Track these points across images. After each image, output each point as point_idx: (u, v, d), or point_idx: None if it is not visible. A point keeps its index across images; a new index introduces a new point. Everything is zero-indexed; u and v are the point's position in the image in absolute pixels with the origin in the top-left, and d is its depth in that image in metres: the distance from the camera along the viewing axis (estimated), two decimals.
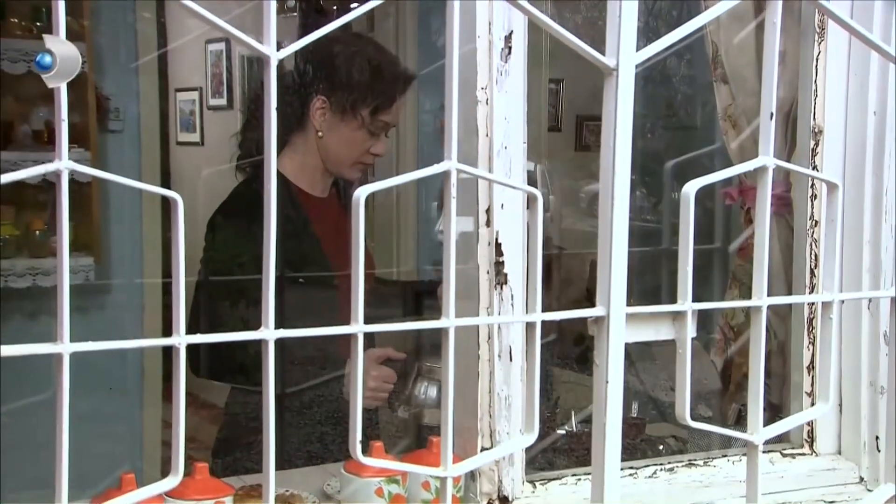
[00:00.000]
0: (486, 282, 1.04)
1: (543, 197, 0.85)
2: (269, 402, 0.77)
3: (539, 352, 0.85)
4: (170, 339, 0.72)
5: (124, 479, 0.95)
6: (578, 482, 1.20)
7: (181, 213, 0.74)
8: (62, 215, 0.68)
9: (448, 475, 0.79)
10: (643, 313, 0.88)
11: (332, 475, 1.55)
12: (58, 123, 0.69)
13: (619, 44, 0.83)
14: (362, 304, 0.78)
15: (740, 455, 1.30)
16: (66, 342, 0.67)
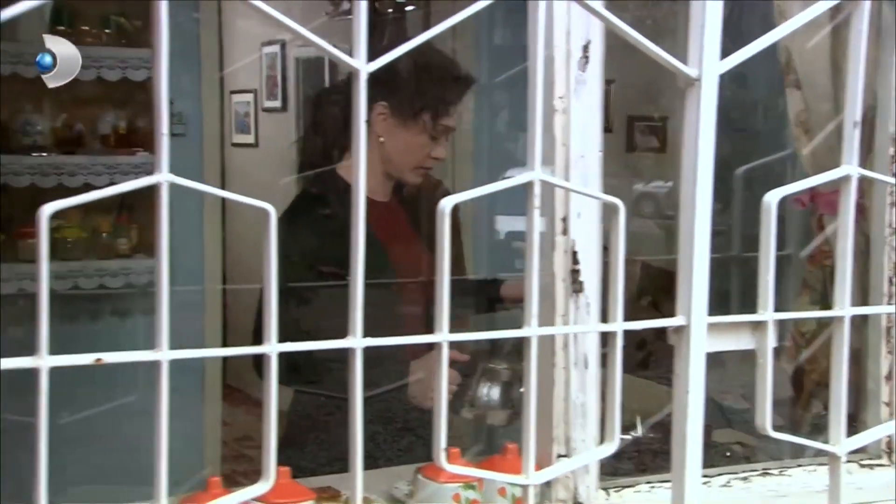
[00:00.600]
0: (562, 290, 1.05)
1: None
2: (356, 408, 0.78)
3: (620, 361, 0.85)
4: (263, 348, 0.74)
5: (210, 483, 0.98)
6: (652, 489, 1.20)
7: (273, 224, 0.75)
8: (161, 226, 0.70)
9: (531, 483, 0.79)
10: (723, 323, 0.88)
11: (399, 478, 1.56)
12: (158, 137, 0.71)
13: (701, 53, 0.83)
14: (447, 313, 0.78)
15: (815, 465, 1.29)
16: (164, 349, 0.69)
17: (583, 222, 1.05)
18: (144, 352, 0.70)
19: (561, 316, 1.05)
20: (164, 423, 0.69)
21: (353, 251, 0.78)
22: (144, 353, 0.70)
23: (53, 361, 0.66)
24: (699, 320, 0.86)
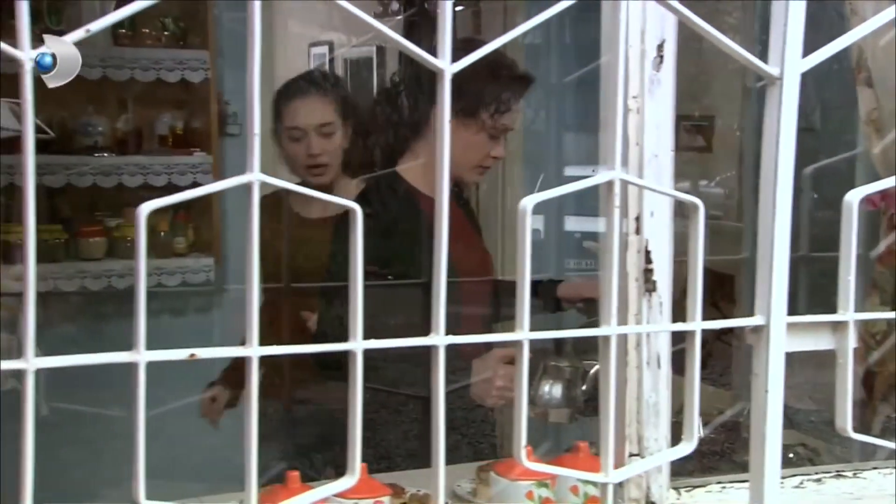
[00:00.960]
0: (635, 289, 1.05)
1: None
2: (439, 406, 0.78)
3: (699, 360, 0.85)
4: (349, 345, 0.75)
5: (290, 477, 0.99)
6: (724, 490, 1.20)
7: (359, 222, 0.76)
8: (253, 225, 0.71)
9: (610, 481, 0.79)
10: (802, 323, 0.88)
11: (459, 476, 1.57)
12: (250, 138, 0.72)
13: (783, 51, 0.82)
14: (528, 312, 0.79)
15: (890, 468, 1.28)
16: (255, 345, 0.71)
17: (655, 221, 1.05)
18: (235, 347, 0.72)
19: (634, 315, 1.05)
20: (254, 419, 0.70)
21: (437, 251, 0.78)
22: (235, 349, 0.72)
23: (150, 356, 0.68)
24: (778, 320, 0.86)
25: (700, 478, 1.20)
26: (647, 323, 1.06)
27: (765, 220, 0.85)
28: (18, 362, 0.62)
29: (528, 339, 0.78)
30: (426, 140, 1.94)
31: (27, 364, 0.61)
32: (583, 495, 1.11)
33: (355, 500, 1.02)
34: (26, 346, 0.61)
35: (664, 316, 1.07)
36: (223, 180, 0.71)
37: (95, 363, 0.68)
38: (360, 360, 0.75)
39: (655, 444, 1.10)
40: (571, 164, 6.00)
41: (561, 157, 5.65)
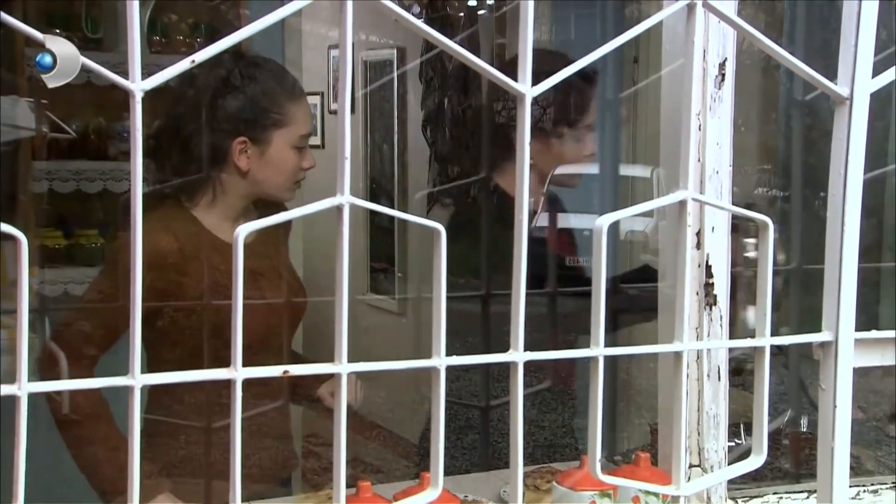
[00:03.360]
0: (696, 303, 1.07)
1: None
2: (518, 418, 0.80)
3: (768, 374, 0.86)
4: (430, 361, 0.76)
5: (361, 487, 1.01)
6: (780, 500, 1.21)
7: (443, 243, 0.77)
8: (343, 246, 0.73)
9: (682, 493, 0.81)
10: (869, 339, 0.89)
11: (505, 481, 1.59)
12: (340, 161, 0.73)
13: (854, 71, 0.84)
14: (602, 327, 0.80)
15: None
16: (343, 362, 0.72)
17: (716, 236, 1.07)
18: (325, 364, 0.73)
19: (695, 329, 1.07)
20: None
21: (515, 265, 0.80)
22: (325, 366, 0.73)
23: (247, 373, 0.70)
24: (847, 336, 0.87)
25: (756, 488, 1.22)
26: (708, 336, 1.08)
27: (833, 236, 0.86)
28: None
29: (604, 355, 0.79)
30: (513, 154, 1.98)
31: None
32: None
33: None
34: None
35: (724, 329, 1.09)
36: (314, 203, 0.73)
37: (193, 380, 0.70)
38: (443, 376, 0.77)
39: (715, 456, 1.12)
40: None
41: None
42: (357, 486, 1.01)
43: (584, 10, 5.10)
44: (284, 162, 1.73)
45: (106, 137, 3.21)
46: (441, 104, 4.61)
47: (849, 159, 0.85)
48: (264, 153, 1.71)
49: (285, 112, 1.73)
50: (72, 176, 3.10)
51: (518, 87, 0.75)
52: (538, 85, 0.76)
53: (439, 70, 4.58)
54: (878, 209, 1.99)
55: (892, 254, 1.89)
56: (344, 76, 0.69)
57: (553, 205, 2.02)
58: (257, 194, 1.74)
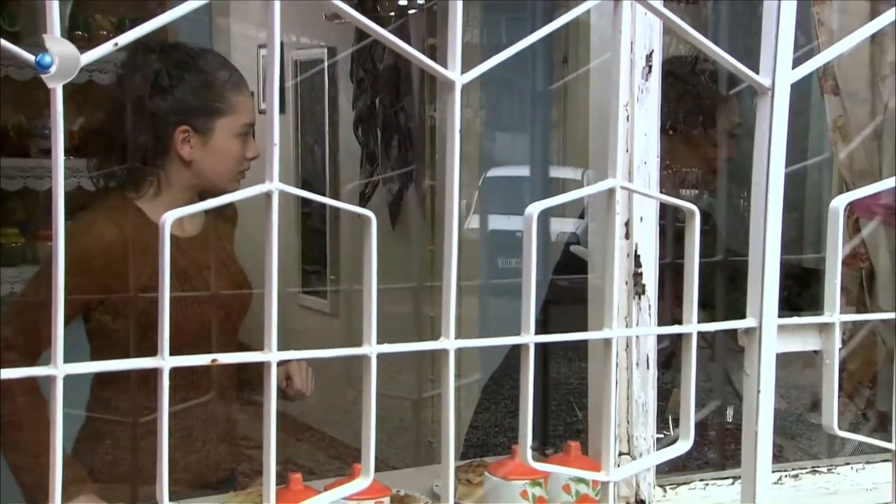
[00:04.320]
0: (625, 292, 1.08)
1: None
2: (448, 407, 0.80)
3: (695, 361, 0.88)
4: (362, 349, 0.76)
5: (293, 479, 1.00)
6: (706, 487, 1.23)
7: (374, 231, 0.77)
8: (272, 234, 0.72)
9: (611, 479, 0.82)
10: (791, 325, 0.91)
11: (438, 476, 1.59)
12: (269, 147, 0.73)
13: (775, 62, 0.86)
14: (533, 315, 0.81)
15: (863, 462, 1.32)
16: (273, 350, 0.72)
17: (644, 226, 1.08)
18: (255, 353, 0.73)
19: (623, 318, 1.08)
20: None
21: (446, 253, 0.80)
22: (255, 355, 0.73)
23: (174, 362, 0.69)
24: (770, 322, 0.89)
25: (683, 475, 1.24)
26: (637, 325, 1.09)
27: (756, 225, 0.88)
28: (48, 369, 0.63)
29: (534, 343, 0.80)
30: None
31: (56, 371, 0.63)
32: (575, 493, 1.13)
33: (358, 500, 1.04)
34: (55, 353, 0.63)
35: (652, 318, 1.10)
36: (243, 189, 0.72)
37: (119, 370, 0.69)
38: (374, 364, 0.76)
39: (644, 444, 1.13)
40: (500, 164, 6.05)
41: (493, 158, 5.66)
42: (288, 479, 1.01)
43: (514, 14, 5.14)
44: (228, 151, 1.73)
45: (27, 135, 3.14)
46: (373, 104, 4.60)
47: (771, 148, 0.87)
48: (207, 142, 1.72)
49: (227, 101, 1.75)
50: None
51: (448, 74, 0.76)
52: (468, 72, 0.76)
53: (370, 70, 4.58)
54: (799, 204, 2.04)
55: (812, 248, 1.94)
56: (272, 48, 0.68)
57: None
58: (202, 185, 1.74)
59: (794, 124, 0.91)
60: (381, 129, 4.60)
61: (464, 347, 0.78)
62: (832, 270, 0.91)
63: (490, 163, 4.81)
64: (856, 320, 1.49)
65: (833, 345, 0.91)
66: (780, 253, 0.91)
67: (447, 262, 0.77)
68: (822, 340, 0.92)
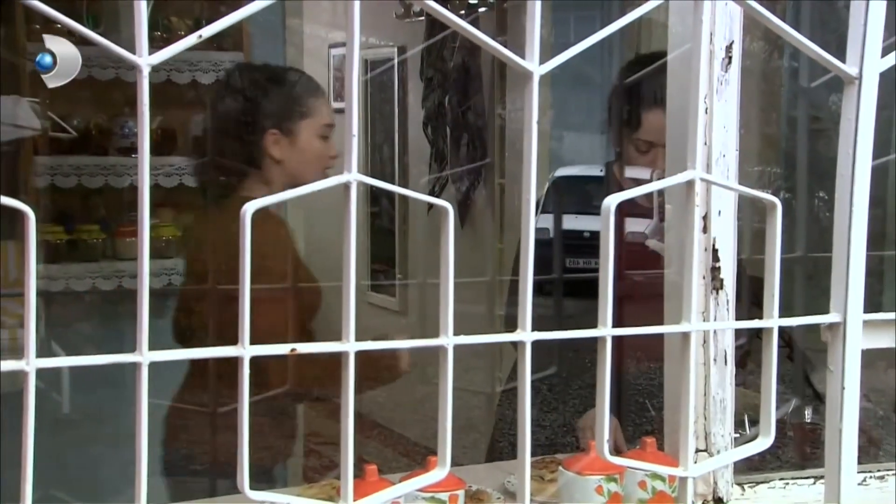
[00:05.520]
0: (702, 287, 1.06)
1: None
2: (525, 398, 0.79)
3: (776, 356, 0.86)
4: (438, 340, 0.76)
5: (368, 471, 1.01)
6: (786, 486, 1.21)
7: (451, 222, 0.77)
8: (350, 224, 0.72)
9: (690, 475, 0.81)
10: (878, 320, 0.89)
11: (509, 472, 1.59)
12: (347, 139, 0.73)
13: (863, 51, 0.83)
14: (610, 308, 0.80)
15: None
16: (351, 341, 0.72)
17: (722, 220, 1.06)
18: (332, 343, 0.73)
19: (701, 313, 1.06)
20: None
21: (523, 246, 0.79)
22: (333, 345, 0.73)
23: (254, 351, 0.70)
24: (855, 317, 0.87)
25: (762, 474, 1.21)
26: (715, 320, 1.08)
27: (841, 219, 0.86)
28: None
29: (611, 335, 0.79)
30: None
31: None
32: (651, 490, 1.12)
33: (433, 492, 1.04)
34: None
35: (730, 313, 1.08)
36: (323, 180, 0.73)
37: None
38: (451, 355, 0.76)
39: (722, 440, 1.11)
40: (568, 163, 5.99)
41: (561, 157, 5.59)
42: (364, 470, 1.01)
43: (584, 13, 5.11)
44: (311, 149, 2.00)
45: (107, 134, 3.21)
46: (442, 104, 4.61)
47: (857, 139, 0.85)
48: (294, 143, 1.98)
49: (307, 105, 2.01)
50: (73, 171, 3.11)
51: (526, 64, 0.75)
52: (546, 63, 0.76)
53: (440, 69, 4.58)
54: (881, 199, 1.99)
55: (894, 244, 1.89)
56: (351, 42, 0.69)
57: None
58: (293, 182, 1.93)
59: (879, 117, 0.88)
60: (451, 128, 4.61)
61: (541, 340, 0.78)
62: None
63: (559, 162, 4.78)
64: None
65: None
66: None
67: (524, 254, 0.77)
68: None
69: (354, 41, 0.72)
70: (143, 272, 0.65)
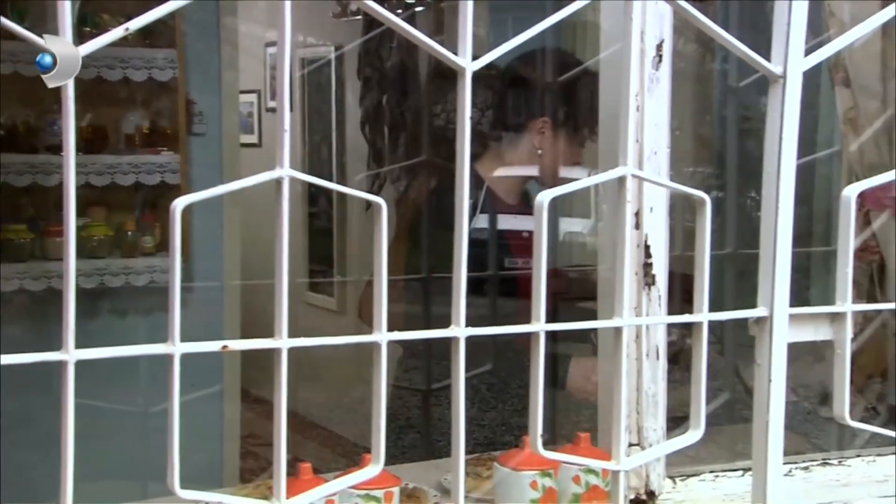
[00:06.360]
0: (635, 283, 1.08)
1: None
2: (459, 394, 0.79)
3: (706, 351, 0.87)
4: (371, 337, 0.76)
5: (301, 469, 1.00)
6: (717, 479, 1.23)
7: (384, 218, 0.77)
8: (282, 220, 0.72)
9: (622, 468, 0.82)
10: (803, 314, 0.91)
11: (446, 470, 1.59)
12: (280, 135, 0.72)
13: (787, 50, 0.85)
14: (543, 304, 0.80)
15: (874, 455, 1.32)
16: (284, 337, 0.71)
17: (654, 217, 1.08)
18: (265, 340, 0.72)
19: (633, 308, 1.08)
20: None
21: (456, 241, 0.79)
22: (265, 342, 0.72)
23: (184, 348, 0.69)
24: (781, 311, 0.88)
25: (693, 467, 1.23)
26: (647, 315, 1.09)
27: (768, 215, 0.88)
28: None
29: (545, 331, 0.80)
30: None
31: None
32: (584, 484, 1.13)
33: (368, 489, 1.04)
34: (67, 339, 0.62)
35: (662, 309, 1.10)
36: (254, 175, 0.72)
37: (131, 355, 0.69)
38: (385, 351, 0.76)
39: (654, 434, 1.13)
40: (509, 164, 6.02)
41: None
42: (297, 469, 1.01)
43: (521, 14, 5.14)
44: None
45: (35, 131, 3.14)
46: (380, 103, 4.60)
47: (783, 137, 0.86)
48: None
49: None
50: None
51: (459, 61, 0.75)
52: (477, 60, 0.76)
53: (378, 68, 4.57)
54: (807, 197, 2.04)
55: (821, 242, 1.94)
56: (283, 40, 0.68)
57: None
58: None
59: (804, 118, 0.90)
60: (389, 128, 4.60)
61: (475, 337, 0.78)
62: (843, 260, 0.91)
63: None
64: (866, 311, 1.48)
65: (845, 334, 0.91)
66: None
67: (457, 252, 0.77)
68: (833, 330, 0.92)
69: (286, 39, 0.72)
70: (69, 268, 0.64)
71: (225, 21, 3.66)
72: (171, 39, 3.27)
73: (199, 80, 3.50)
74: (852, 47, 1.54)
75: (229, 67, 3.63)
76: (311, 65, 5.21)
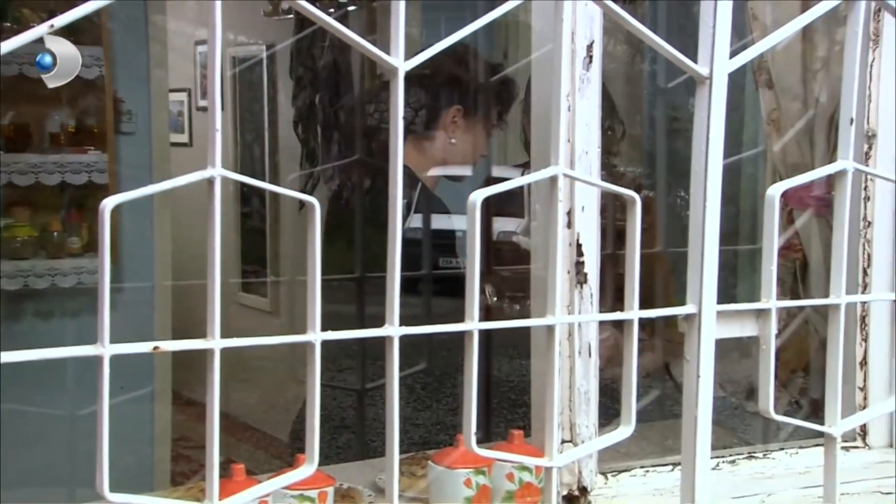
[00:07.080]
0: (567, 281, 1.09)
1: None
2: (393, 394, 0.79)
3: (636, 348, 0.89)
4: (306, 336, 0.75)
5: (235, 470, 0.99)
6: (647, 474, 1.25)
7: (318, 218, 0.77)
8: (214, 220, 0.71)
9: (555, 464, 0.83)
10: (730, 311, 0.93)
11: (381, 469, 1.59)
12: (211, 134, 0.72)
13: (713, 51, 0.87)
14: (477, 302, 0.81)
15: (797, 448, 1.35)
16: (217, 337, 0.71)
17: (586, 216, 1.09)
18: (197, 340, 0.72)
19: (566, 306, 1.09)
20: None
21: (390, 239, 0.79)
22: (197, 342, 0.72)
23: (114, 350, 0.68)
24: (709, 308, 0.90)
25: (625, 462, 1.25)
26: (580, 313, 1.10)
27: (695, 214, 0.90)
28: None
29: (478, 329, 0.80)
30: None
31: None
32: (518, 482, 1.14)
33: (302, 490, 1.03)
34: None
35: (594, 307, 1.11)
36: (185, 175, 0.71)
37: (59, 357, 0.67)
38: (318, 351, 0.76)
39: (587, 431, 1.14)
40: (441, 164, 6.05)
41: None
42: (230, 470, 1.00)
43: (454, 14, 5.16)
44: None
45: None
46: (312, 103, 4.57)
47: (709, 137, 0.88)
48: None
49: None
50: None
51: (391, 61, 0.76)
52: (410, 59, 0.76)
53: (310, 67, 4.54)
54: (734, 197, 2.08)
55: (747, 240, 1.98)
56: (213, 38, 0.67)
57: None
58: None
59: (730, 119, 0.92)
60: (322, 127, 4.57)
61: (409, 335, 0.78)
62: (768, 257, 0.93)
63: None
64: (790, 307, 1.52)
65: (769, 330, 0.93)
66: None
67: (391, 250, 0.77)
68: (758, 326, 0.94)
69: (217, 37, 0.71)
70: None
71: (153, 19, 3.61)
72: (97, 37, 3.21)
73: (126, 78, 3.45)
74: (775, 50, 1.57)
75: (158, 66, 3.58)
76: (243, 63, 5.17)
